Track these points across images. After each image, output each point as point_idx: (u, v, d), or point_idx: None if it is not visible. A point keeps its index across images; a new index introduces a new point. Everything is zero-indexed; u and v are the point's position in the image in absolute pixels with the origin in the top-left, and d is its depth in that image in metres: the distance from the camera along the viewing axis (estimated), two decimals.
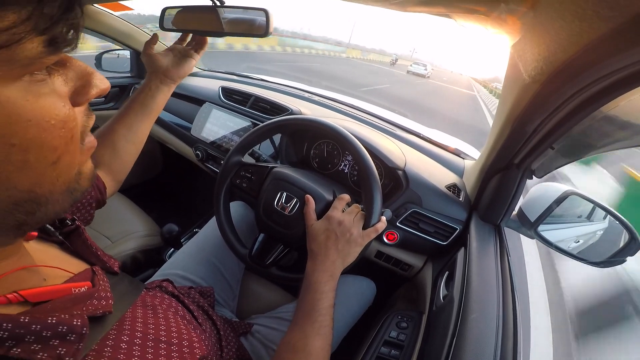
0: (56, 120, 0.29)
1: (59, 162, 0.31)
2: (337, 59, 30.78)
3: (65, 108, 0.31)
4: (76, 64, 0.33)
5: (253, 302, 1.03)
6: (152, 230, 1.39)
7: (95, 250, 0.50)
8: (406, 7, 0.60)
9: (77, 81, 0.33)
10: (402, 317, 0.84)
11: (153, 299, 0.52)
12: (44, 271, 0.39)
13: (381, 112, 1.60)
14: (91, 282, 0.42)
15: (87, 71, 0.34)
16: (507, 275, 0.74)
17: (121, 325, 0.41)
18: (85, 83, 0.34)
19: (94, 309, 0.37)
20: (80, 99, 0.33)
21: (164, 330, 0.43)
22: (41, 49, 0.26)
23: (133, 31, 1.63)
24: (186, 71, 0.83)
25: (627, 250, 0.78)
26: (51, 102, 0.29)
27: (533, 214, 0.86)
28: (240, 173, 0.94)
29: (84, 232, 0.51)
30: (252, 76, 1.89)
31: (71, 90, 0.33)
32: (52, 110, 0.29)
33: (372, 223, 0.76)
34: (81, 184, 0.36)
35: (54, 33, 0.26)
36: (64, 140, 0.31)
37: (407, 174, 1.03)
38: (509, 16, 0.50)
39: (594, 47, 0.41)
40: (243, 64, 12.76)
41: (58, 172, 0.31)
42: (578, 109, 0.55)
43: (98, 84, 0.35)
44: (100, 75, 0.36)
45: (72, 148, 0.32)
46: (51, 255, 0.45)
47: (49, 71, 0.30)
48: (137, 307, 0.46)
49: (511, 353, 0.56)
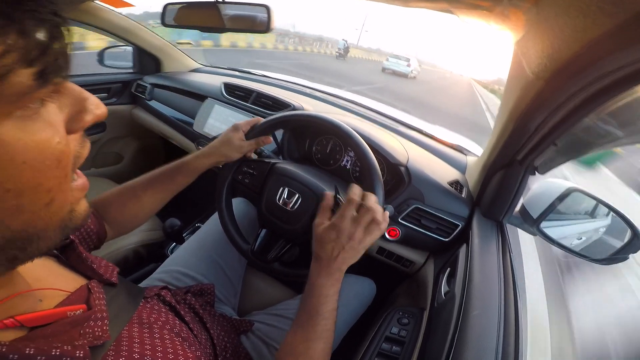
0: (51, 159, 0.28)
1: (53, 203, 0.30)
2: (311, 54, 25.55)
3: (61, 144, 0.29)
4: (71, 88, 0.32)
5: (254, 298, 1.03)
6: (154, 225, 1.39)
7: (90, 263, 0.49)
8: (409, 3, 0.60)
9: (72, 107, 0.32)
10: (403, 313, 0.84)
11: (150, 314, 0.51)
12: (40, 292, 0.38)
13: (383, 108, 1.59)
14: (87, 302, 0.41)
15: (83, 96, 0.33)
16: (509, 272, 0.74)
17: (118, 346, 0.40)
18: (81, 109, 0.32)
19: (91, 332, 0.37)
20: (74, 127, 0.32)
21: (160, 352, 0.43)
22: (30, 82, 0.24)
23: (134, 27, 1.63)
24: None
25: (630, 247, 0.77)
26: (46, 139, 0.28)
27: (536, 210, 0.86)
28: (242, 169, 0.94)
29: (79, 247, 0.51)
30: (254, 72, 1.89)
31: (66, 118, 0.31)
32: (47, 148, 0.28)
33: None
34: (74, 221, 0.35)
35: (43, 64, 0.25)
36: (58, 180, 0.30)
37: (410, 170, 1.02)
38: (513, 12, 0.49)
39: (598, 43, 0.40)
40: (246, 59, 12.68)
41: (52, 212, 0.31)
42: (581, 106, 0.55)
43: (93, 109, 0.33)
44: (96, 99, 0.34)
45: (66, 186, 0.32)
46: (48, 270, 0.45)
47: (42, 101, 0.28)
48: (133, 325, 0.46)
49: (513, 350, 0.56)
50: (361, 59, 32.92)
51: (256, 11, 0.83)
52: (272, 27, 0.82)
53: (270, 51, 19.92)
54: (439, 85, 23.90)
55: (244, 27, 0.85)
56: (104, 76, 1.75)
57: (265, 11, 0.81)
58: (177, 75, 1.77)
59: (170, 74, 1.82)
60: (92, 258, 0.51)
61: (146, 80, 1.75)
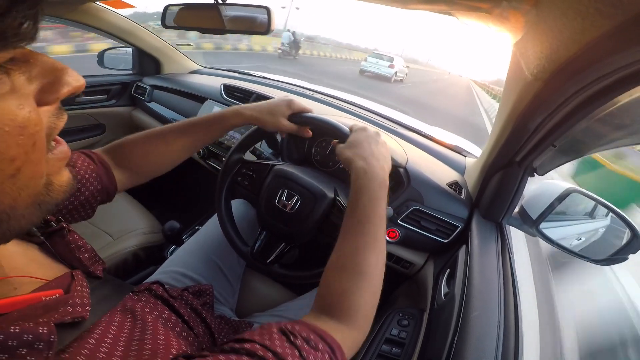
0: (11, 126, 0.26)
1: (20, 174, 0.28)
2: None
3: (24, 110, 0.27)
4: (41, 59, 0.30)
5: (253, 300, 1.03)
6: (153, 228, 1.39)
7: (77, 254, 0.47)
8: (408, 5, 0.60)
9: (43, 78, 0.30)
10: (403, 315, 0.84)
11: (135, 302, 0.49)
12: (16, 279, 0.36)
13: (382, 109, 1.60)
14: (66, 288, 0.39)
15: (56, 67, 0.31)
16: (509, 273, 0.74)
17: (93, 329, 0.38)
18: (54, 80, 0.30)
19: (65, 316, 0.35)
20: (48, 98, 0.30)
21: (138, 331, 0.41)
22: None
23: (135, 28, 1.63)
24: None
25: (629, 248, 0.78)
26: (5, 106, 0.26)
27: (535, 211, 0.86)
28: (241, 171, 0.94)
29: (69, 234, 0.48)
30: (254, 73, 1.89)
31: (37, 88, 0.29)
32: (6, 114, 0.26)
33: None
34: (53, 196, 0.32)
35: (2, 26, 0.23)
36: (23, 148, 0.27)
37: (409, 171, 1.03)
38: (512, 13, 0.49)
39: (597, 45, 0.41)
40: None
41: (19, 185, 0.28)
42: (580, 107, 0.55)
43: (70, 81, 0.31)
44: (74, 71, 0.32)
45: (36, 157, 0.29)
46: (29, 258, 0.42)
47: (7, 70, 0.26)
48: (116, 312, 0.43)
49: (513, 351, 0.57)
50: (327, 59, 27.01)
51: (256, 12, 0.83)
52: (272, 28, 0.82)
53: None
54: (433, 89, 20.40)
55: (244, 29, 0.85)
56: (104, 78, 1.75)
57: (265, 12, 0.81)
58: (176, 77, 1.77)
59: (170, 75, 1.83)
60: (86, 247, 0.48)
61: (146, 82, 1.75)
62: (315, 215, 0.84)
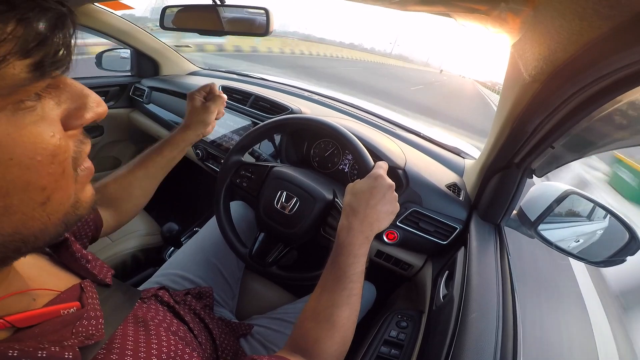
0: (43, 155, 0.26)
1: (49, 202, 0.28)
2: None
3: (55, 138, 0.27)
4: (71, 84, 0.30)
5: (253, 302, 1.03)
6: (152, 229, 1.39)
7: (84, 263, 0.47)
8: (406, 6, 0.60)
9: (71, 104, 0.30)
10: (402, 316, 0.84)
11: (146, 312, 0.50)
12: (34, 291, 0.36)
13: (381, 111, 1.60)
14: (80, 300, 0.39)
15: (83, 93, 0.31)
16: (507, 275, 0.74)
17: (110, 344, 0.38)
18: (81, 105, 0.31)
19: (84, 331, 0.35)
20: (73, 123, 0.30)
21: (155, 349, 0.41)
22: (25, 75, 0.23)
23: (134, 30, 1.63)
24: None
25: (627, 249, 0.78)
26: (37, 133, 0.26)
27: (533, 213, 0.86)
28: (240, 172, 0.94)
29: (72, 245, 0.48)
30: (253, 75, 1.89)
31: (63, 114, 0.29)
32: (38, 143, 0.26)
33: None
34: (78, 212, 0.33)
35: (41, 55, 0.23)
36: (53, 177, 0.27)
37: (407, 173, 1.03)
38: (510, 15, 0.50)
39: (594, 46, 0.41)
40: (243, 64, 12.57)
41: (49, 211, 0.28)
42: (578, 109, 0.55)
43: (94, 107, 0.32)
44: (97, 97, 0.33)
45: (65, 183, 0.29)
46: (39, 269, 0.42)
47: (40, 96, 0.26)
48: (128, 324, 0.44)
49: (511, 352, 0.56)
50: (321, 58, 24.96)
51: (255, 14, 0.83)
52: (271, 30, 0.82)
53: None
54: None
55: (243, 30, 0.85)
56: (102, 79, 1.75)
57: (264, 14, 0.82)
58: (175, 79, 1.77)
59: (168, 77, 1.83)
60: (87, 257, 0.49)
61: (144, 84, 1.75)
62: (314, 217, 0.84)
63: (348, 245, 0.61)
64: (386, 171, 0.70)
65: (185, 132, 0.81)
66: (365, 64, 31.07)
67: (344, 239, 0.62)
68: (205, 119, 0.82)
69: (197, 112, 0.82)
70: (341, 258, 0.60)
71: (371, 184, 0.66)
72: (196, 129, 0.82)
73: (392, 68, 36.13)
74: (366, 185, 0.66)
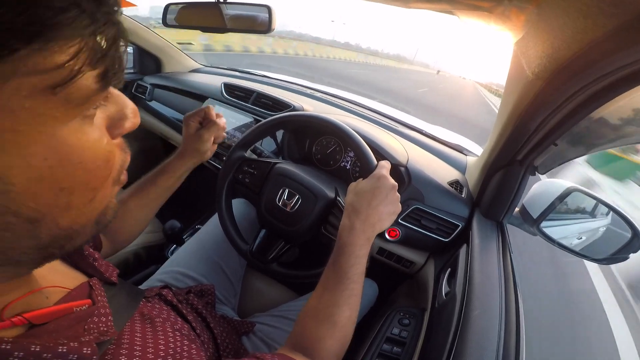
0: (101, 160, 0.29)
1: (95, 200, 0.31)
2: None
3: (109, 145, 0.30)
4: (118, 95, 0.33)
5: (255, 300, 1.03)
6: (154, 227, 1.39)
7: (92, 261, 0.48)
8: (409, 4, 0.60)
9: (115, 113, 0.32)
10: (404, 314, 0.84)
11: (151, 310, 0.50)
12: (47, 289, 0.38)
13: (383, 108, 1.60)
14: (90, 298, 0.41)
15: (126, 104, 0.34)
16: (510, 272, 0.74)
17: (119, 340, 0.39)
18: (122, 116, 0.33)
19: (96, 328, 0.37)
20: (115, 132, 0.32)
21: (162, 344, 0.42)
22: (94, 85, 0.25)
23: (136, 27, 1.63)
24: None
25: (630, 247, 0.78)
26: (98, 140, 0.29)
27: (536, 210, 0.86)
28: (242, 168, 0.94)
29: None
30: (255, 72, 1.89)
31: (108, 123, 0.32)
32: (98, 149, 0.29)
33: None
34: (107, 216, 0.35)
35: (105, 67, 0.25)
36: (103, 179, 0.31)
37: (410, 170, 1.03)
38: (513, 12, 0.49)
39: (598, 44, 0.41)
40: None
41: (92, 208, 0.31)
42: (581, 106, 0.55)
43: (132, 117, 0.35)
44: (135, 107, 0.35)
45: (108, 184, 0.32)
46: (49, 267, 0.41)
47: (99, 105, 0.29)
48: (135, 321, 0.45)
49: (514, 350, 0.57)
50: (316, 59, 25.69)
51: (257, 11, 0.83)
52: (273, 27, 0.82)
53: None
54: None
55: (245, 27, 0.85)
56: None
57: (266, 11, 0.81)
58: (177, 76, 1.77)
59: (171, 74, 1.82)
60: (94, 255, 0.50)
61: (146, 81, 1.75)
62: (316, 215, 0.84)
63: (350, 245, 0.61)
64: (389, 171, 0.70)
65: (181, 159, 0.79)
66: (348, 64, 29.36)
67: (346, 240, 0.62)
68: (200, 147, 0.80)
69: (192, 139, 0.80)
70: (343, 258, 0.61)
71: (374, 184, 0.66)
72: (192, 157, 0.80)
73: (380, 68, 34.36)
74: (369, 186, 0.66)
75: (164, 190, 0.79)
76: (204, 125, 0.81)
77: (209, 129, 0.80)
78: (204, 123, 0.82)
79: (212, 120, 0.81)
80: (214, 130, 0.81)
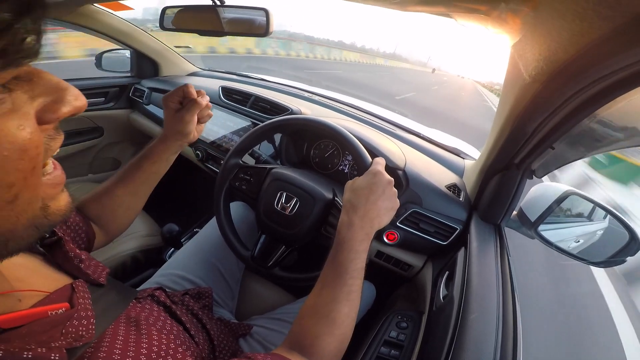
0: (10, 150, 0.25)
1: (18, 200, 0.27)
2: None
3: (26, 132, 0.26)
4: (45, 77, 0.29)
5: (253, 303, 1.03)
6: (152, 230, 1.39)
7: (77, 262, 0.46)
8: (406, 7, 0.60)
9: (46, 97, 0.29)
10: (402, 317, 0.84)
11: (140, 311, 0.49)
12: (20, 292, 0.36)
13: (381, 111, 1.60)
14: (70, 301, 0.38)
15: (60, 86, 0.30)
16: (507, 275, 0.74)
17: (99, 344, 0.38)
18: (57, 99, 0.30)
19: (73, 332, 0.35)
20: (48, 117, 0.29)
21: (145, 348, 0.41)
22: None
23: (133, 30, 1.63)
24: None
25: (627, 250, 0.78)
26: (6, 127, 0.24)
27: (533, 213, 0.86)
28: (239, 175, 0.94)
29: (66, 244, 0.48)
30: (252, 76, 1.89)
31: (38, 108, 0.28)
32: (6, 137, 0.24)
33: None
34: (50, 219, 0.32)
35: (4, 43, 0.22)
36: (22, 174, 0.26)
37: (407, 173, 1.03)
38: (510, 16, 0.50)
39: (595, 47, 0.41)
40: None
41: (18, 210, 0.28)
42: (578, 109, 0.55)
43: (72, 100, 0.31)
44: (76, 91, 0.31)
45: (33, 181, 0.28)
46: (29, 270, 0.42)
47: (9, 89, 0.25)
48: (119, 324, 0.43)
49: (511, 353, 0.56)
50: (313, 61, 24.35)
51: (255, 15, 0.83)
52: (270, 30, 0.82)
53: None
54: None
55: (243, 31, 0.85)
56: (101, 80, 1.74)
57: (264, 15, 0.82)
58: (175, 79, 1.77)
59: (168, 77, 1.82)
60: (81, 257, 0.48)
61: (144, 85, 1.75)
62: (314, 216, 0.84)
63: (349, 240, 0.61)
64: (384, 167, 0.70)
65: (164, 143, 0.74)
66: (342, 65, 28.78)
67: (345, 235, 0.61)
68: (182, 129, 0.74)
69: (173, 121, 0.74)
70: (342, 254, 0.60)
71: (370, 180, 0.66)
72: (176, 139, 0.75)
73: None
74: (365, 182, 0.66)
75: (151, 174, 0.74)
76: (184, 105, 0.74)
77: (190, 110, 0.73)
78: (184, 103, 0.75)
79: (192, 100, 0.74)
80: (195, 109, 0.74)
